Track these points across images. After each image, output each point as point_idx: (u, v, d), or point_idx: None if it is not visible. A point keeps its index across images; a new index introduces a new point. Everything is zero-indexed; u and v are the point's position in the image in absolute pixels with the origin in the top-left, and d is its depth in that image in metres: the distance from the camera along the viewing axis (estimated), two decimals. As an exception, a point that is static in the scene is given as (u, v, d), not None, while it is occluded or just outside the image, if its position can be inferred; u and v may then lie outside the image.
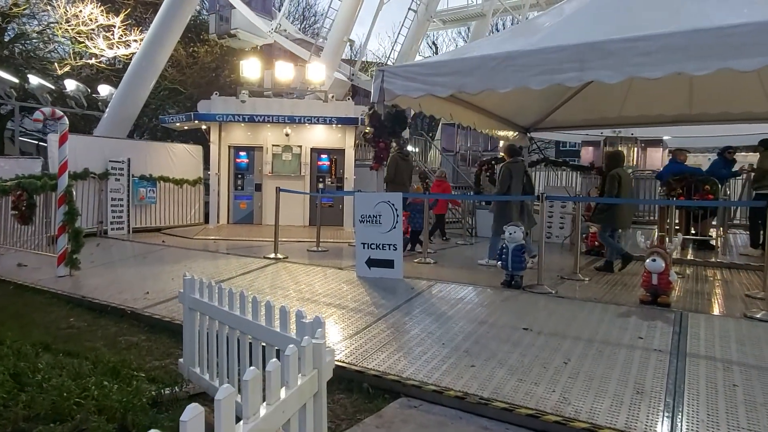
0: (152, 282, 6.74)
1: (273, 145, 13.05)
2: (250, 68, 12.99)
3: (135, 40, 15.18)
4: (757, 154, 8.28)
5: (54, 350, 4.50)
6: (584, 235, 8.68)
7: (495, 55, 5.67)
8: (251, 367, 1.75)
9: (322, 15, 20.84)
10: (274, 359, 1.81)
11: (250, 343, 3.09)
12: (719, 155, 9.06)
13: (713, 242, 8.75)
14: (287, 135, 12.92)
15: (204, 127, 12.83)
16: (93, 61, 16.08)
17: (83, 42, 15.58)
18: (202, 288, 3.53)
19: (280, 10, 19.84)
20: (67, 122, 7.38)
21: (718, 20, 4.73)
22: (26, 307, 6.11)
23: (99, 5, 15.63)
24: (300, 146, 13.06)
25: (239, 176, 13.20)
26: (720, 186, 8.41)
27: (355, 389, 3.91)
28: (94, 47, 15.54)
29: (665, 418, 3.22)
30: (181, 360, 3.91)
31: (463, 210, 12.17)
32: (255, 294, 6.00)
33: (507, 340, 4.47)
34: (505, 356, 4.16)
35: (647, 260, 5.10)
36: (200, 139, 13.24)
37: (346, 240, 10.49)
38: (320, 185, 13.02)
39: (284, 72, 13.24)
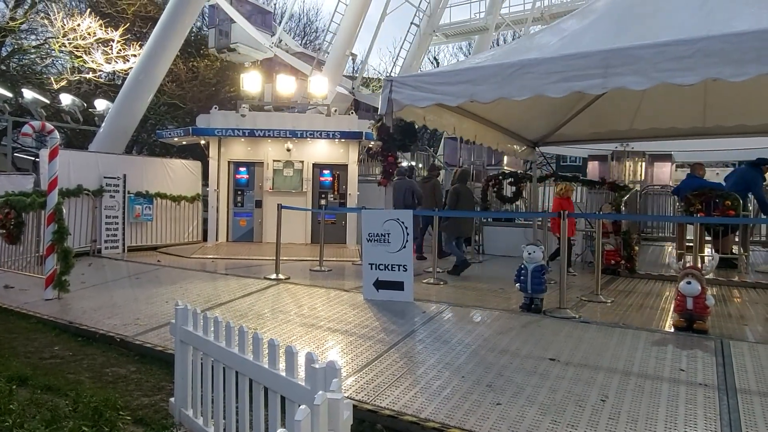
0: (145, 306, 6.32)
1: (274, 161, 12.72)
2: (251, 82, 12.72)
3: (134, 55, 14.92)
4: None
5: (32, 385, 4.07)
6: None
7: (511, 63, 5.34)
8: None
9: (323, 31, 20.68)
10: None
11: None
12: (753, 165, 8.63)
13: (735, 260, 8.34)
14: (288, 150, 12.59)
15: (203, 141, 12.50)
16: (90, 75, 15.81)
17: (81, 56, 15.32)
18: (196, 319, 3.12)
19: (280, 25, 19.70)
20: (58, 137, 7.02)
21: (755, 24, 4.40)
22: (8, 333, 5.68)
23: (97, 19, 15.41)
24: (302, 161, 12.73)
25: (239, 192, 12.83)
26: (740, 201, 8.03)
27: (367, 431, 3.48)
28: (92, 62, 15.28)
29: (728, 469, 2.80)
30: (172, 399, 3.48)
31: (474, 227, 11.78)
32: (255, 319, 5.65)
33: (533, 372, 4.04)
34: (534, 392, 3.73)
35: (681, 283, 4.70)
36: (200, 154, 12.90)
37: (349, 258, 10.09)
38: (323, 201, 12.65)
39: (285, 86, 12.96)
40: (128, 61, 15.20)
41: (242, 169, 12.82)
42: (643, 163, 14.58)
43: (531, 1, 20.42)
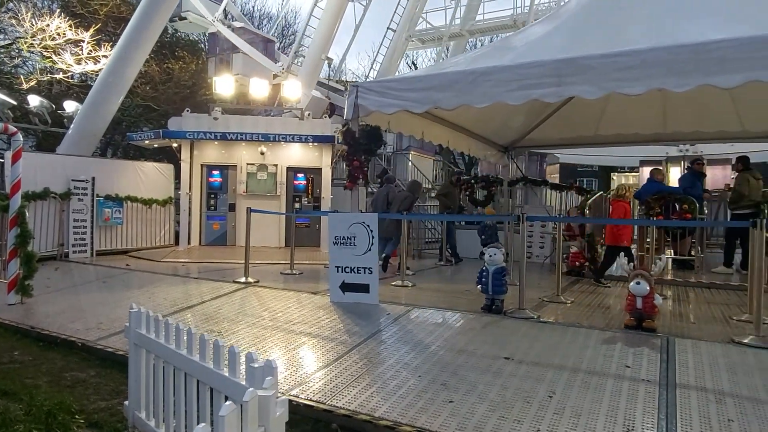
0: (109, 310, 6.29)
1: (248, 164, 12.71)
2: (224, 85, 12.68)
3: (105, 56, 14.75)
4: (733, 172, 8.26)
5: (-12, 390, 4.05)
6: (565, 255, 8.49)
7: (472, 71, 5.48)
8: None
9: (302, 33, 20.58)
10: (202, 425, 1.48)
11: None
12: (689, 169, 9.01)
13: (692, 262, 8.64)
14: (262, 153, 12.60)
15: (175, 144, 12.43)
16: (60, 76, 15.56)
17: (50, 57, 15.09)
18: (149, 322, 3.17)
19: (282, 52, 19.11)
20: (21, 139, 6.94)
21: (699, 36, 4.62)
22: (-33, 339, 5.61)
23: (67, 19, 15.19)
24: (276, 165, 12.74)
25: (212, 196, 12.78)
26: (697, 205, 8.34)
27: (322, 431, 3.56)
28: (62, 62, 15.06)
29: (659, 460, 2.95)
30: (126, 402, 3.51)
31: (443, 230, 11.93)
32: (220, 322, 5.68)
33: (487, 371, 4.17)
34: (486, 389, 3.86)
35: (631, 283, 4.89)
36: (175, 157, 12.81)
37: (322, 261, 10.12)
38: (297, 205, 12.68)
39: (258, 88, 12.96)
40: (99, 62, 15.01)
41: (215, 172, 12.78)
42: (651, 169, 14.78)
43: (508, 7, 20.73)
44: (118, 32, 16.00)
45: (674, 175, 14.35)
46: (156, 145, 13.41)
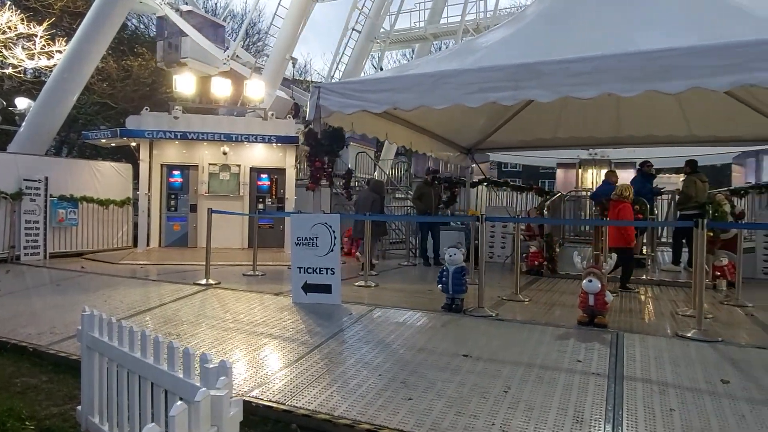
0: (62, 314, 6.11)
1: (210, 164, 12.52)
2: (185, 83, 12.44)
3: (59, 51, 14.23)
4: (682, 175, 8.66)
5: (-69, 399, 3.89)
6: (524, 255, 8.71)
7: (432, 73, 5.59)
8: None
9: (266, 33, 20.38)
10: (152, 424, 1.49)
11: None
12: (638, 171, 9.40)
13: (644, 260, 9.01)
14: (225, 153, 12.43)
15: (133, 144, 12.13)
16: (10, 71, 14.94)
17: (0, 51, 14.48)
18: (102, 325, 3.11)
19: (235, 40, 18.78)
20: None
21: (646, 45, 4.84)
22: None
23: (18, 12, 14.60)
24: (239, 165, 12.59)
25: (172, 196, 12.52)
26: (648, 205, 8.69)
27: None
28: (13, 57, 14.46)
29: (605, 449, 3.10)
30: (79, 407, 3.43)
31: (408, 230, 12.06)
32: (179, 324, 5.60)
33: (446, 368, 4.26)
34: (444, 386, 3.94)
35: (584, 281, 5.07)
36: (133, 157, 12.49)
37: (286, 263, 10.04)
38: (260, 205, 12.55)
39: (221, 88, 12.78)
40: (53, 57, 14.48)
41: (176, 172, 12.53)
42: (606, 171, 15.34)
43: (471, 12, 21.04)
44: (74, 27, 15.50)
45: (588, 177, 15.25)
46: (113, 144, 13.05)
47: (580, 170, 15.06)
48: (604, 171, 15.01)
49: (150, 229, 12.10)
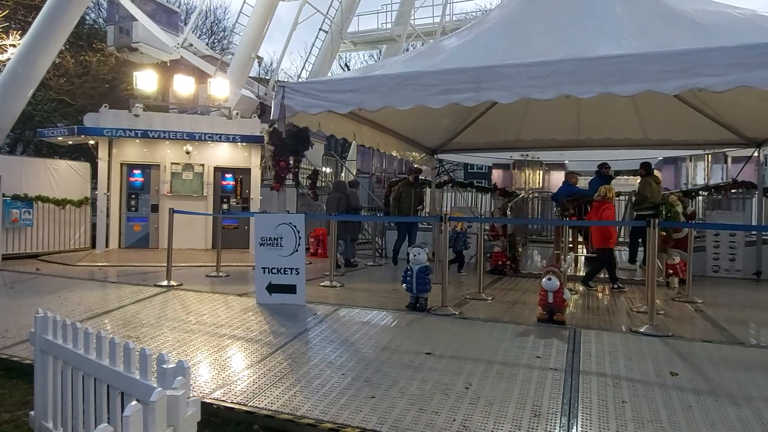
0: (15, 317, 5.89)
1: (172, 163, 12.26)
2: (146, 80, 12.15)
3: (13, 45, 13.69)
4: (638, 177, 8.99)
5: None
6: (488, 255, 8.87)
7: (397, 75, 5.65)
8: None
9: (231, 31, 20.09)
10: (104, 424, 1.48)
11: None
12: (597, 173, 9.72)
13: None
14: (188, 153, 12.20)
15: (92, 142, 11.75)
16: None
17: (-52, 45, 13.84)
18: (56, 327, 3.03)
19: (186, 26, 18.70)
20: None
21: (601, 50, 5.02)
22: None
23: (-32, 5, 13.99)
24: (202, 165, 12.38)
25: (133, 196, 12.21)
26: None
27: (243, 432, 3.55)
28: (-38, 51, 13.85)
29: (561, 441, 3.20)
30: (32, 413, 3.33)
31: (373, 231, 12.11)
32: (139, 327, 5.47)
33: (409, 366, 4.32)
34: (407, 384, 3.99)
35: (543, 279, 5.21)
36: (92, 155, 12.11)
37: (251, 263, 9.93)
38: (224, 206, 12.37)
39: (184, 86, 12.54)
40: (6, 51, 13.92)
41: (137, 171, 12.22)
42: (541, 172, 15.82)
43: (438, 14, 21.27)
44: (29, 20, 14.94)
45: (522, 177, 15.85)
46: (71, 142, 12.62)
47: (514, 171, 15.57)
48: (539, 172, 15.67)
49: (109, 230, 11.76)
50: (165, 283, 7.25)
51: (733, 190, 10.44)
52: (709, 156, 14.23)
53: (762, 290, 8.10)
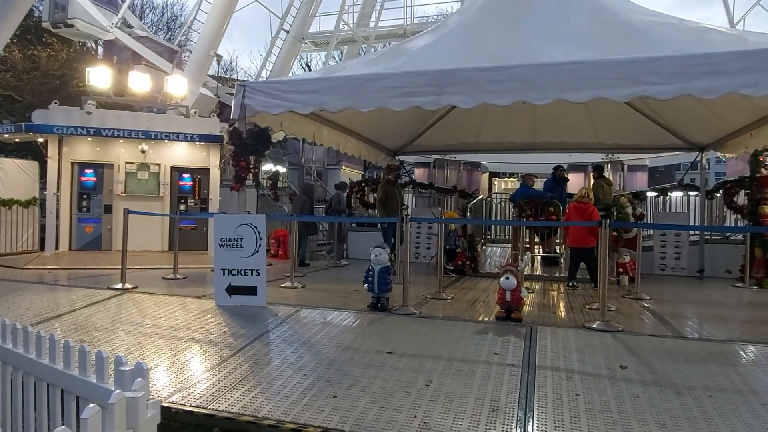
0: (-43, 323, 5.59)
1: (126, 163, 11.89)
2: (98, 76, 11.74)
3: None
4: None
5: None
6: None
7: (358, 76, 5.69)
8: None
9: (188, 27, 19.58)
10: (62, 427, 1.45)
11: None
12: (552, 175, 10.06)
13: (557, 258, 9.62)
14: (143, 152, 11.87)
15: (40, 140, 11.27)
16: None
17: None
18: (5, 331, 2.92)
19: (124, 3, 17.87)
20: None
21: (555, 57, 5.21)
22: None
23: None
24: (158, 164, 12.06)
25: (84, 196, 11.77)
26: (561, 207, 9.30)
27: (203, 436, 3.50)
28: None
29: (517, 433, 3.31)
30: (-23, 421, 3.19)
31: (336, 232, 12.07)
32: (92, 331, 5.30)
33: (371, 365, 4.36)
34: (368, 383, 4.03)
35: (501, 278, 5.36)
36: (40, 154, 11.60)
37: (209, 265, 9.76)
38: (182, 206, 12.09)
39: (139, 83, 12.19)
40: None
41: (89, 171, 11.79)
42: (459, 171, 16.20)
43: (399, 17, 21.46)
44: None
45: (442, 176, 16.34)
46: (18, 140, 12.06)
47: (434, 170, 15.97)
48: (457, 171, 16.09)
49: (59, 232, 11.30)
50: (119, 285, 7.04)
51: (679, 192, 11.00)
52: (608, 164, 15.04)
53: (704, 287, 8.56)
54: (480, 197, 11.59)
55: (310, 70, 34.42)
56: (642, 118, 9.13)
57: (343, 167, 18.49)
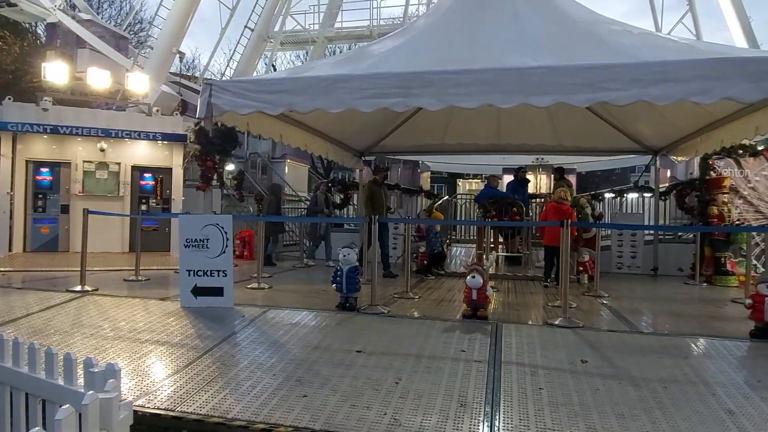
0: None
1: (85, 161, 11.53)
2: (55, 72, 11.33)
3: None
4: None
5: None
6: (414, 255, 9.11)
7: (327, 77, 5.70)
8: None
9: (149, 23, 19.09)
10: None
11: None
12: (515, 176, 10.33)
13: (521, 257, 9.88)
14: (102, 150, 11.53)
15: (-8, 137, 10.80)
16: None
17: None
18: (-37, 336, 2.81)
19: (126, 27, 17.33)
20: None
21: (521, 62, 5.37)
22: None
23: None
24: (118, 163, 11.74)
25: (40, 196, 11.35)
26: (524, 207, 9.57)
27: (171, 438, 3.46)
28: None
29: (485, 427, 3.40)
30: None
31: (301, 232, 12.02)
32: (52, 335, 5.13)
33: (340, 364, 4.38)
34: (338, 381, 4.06)
35: (468, 277, 5.48)
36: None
37: (173, 267, 9.58)
38: (143, 207, 11.79)
39: (98, 79, 11.83)
40: None
41: (44, 169, 11.38)
42: (399, 169, 16.43)
43: (365, 18, 21.53)
44: None
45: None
46: (-35, 137, 11.49)
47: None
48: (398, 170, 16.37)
49: (13, 233, 10.86)
50: (79, 288, 6.83)
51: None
52: (539, 167, 15.61)
53: (658, 285, 8.95)
54: (446, 198, 11.76)
55: (275, 69, 34.08)
56: (601, 122, 9.46)
57: (288, 160, 18.00)
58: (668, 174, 12.39)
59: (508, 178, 13.50)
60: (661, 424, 3.33)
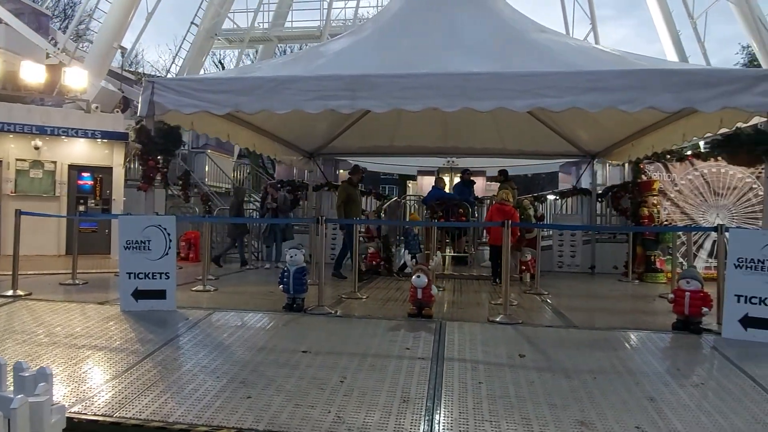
0: None
1: (17, 160, 10.97)
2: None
3: None
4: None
5: None
6: (363, 256, 9.18)
7: (274, 78, 5.70)
8: None
9: (89, 16, 18.22)
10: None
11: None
12: (461, 178, 10.62)
13: (467, 257, 10.15)
14: (37, 148, 10.98)
15: None
16: None
17: None
18: None
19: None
20: None
21: (464, 67, 5.55)
22: None
23: None
24: (54, 162, 11.21)
25: (-34, 196, 10.67)
26: (470, 209, 9.84)
27: (109, 444, 3.38)
28: None
29: (425, 421, 3.51)
30: None
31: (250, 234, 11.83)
32: (-22, 342, 4.86)
33: (286, 365, 4.39)
34: (283, 382, 4.07)
35: (413, 277, 5.60)
36: None
37: (112, 269, 9.24)
38: (81, 207, 11.30)
39: (32, 74, 11.25)
40: None
41: (-28, 168, 10.71)
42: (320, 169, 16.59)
43: (315, 18, 21.44)
44: None
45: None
46: None
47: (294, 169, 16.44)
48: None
49: (-66, 235, 10.15)
50: (10, 292, 6.49)
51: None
52: (451, 169, 16.23)
53: (595, 282, 9.43)
54: (395, 199, 11.92)
55: (223, 68, 33.36)
56: (543, 127, 9.87)
57: (209, 151, 17.37)
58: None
59: (423, 180, 13.88)
60: (589, 412, 3.54)
